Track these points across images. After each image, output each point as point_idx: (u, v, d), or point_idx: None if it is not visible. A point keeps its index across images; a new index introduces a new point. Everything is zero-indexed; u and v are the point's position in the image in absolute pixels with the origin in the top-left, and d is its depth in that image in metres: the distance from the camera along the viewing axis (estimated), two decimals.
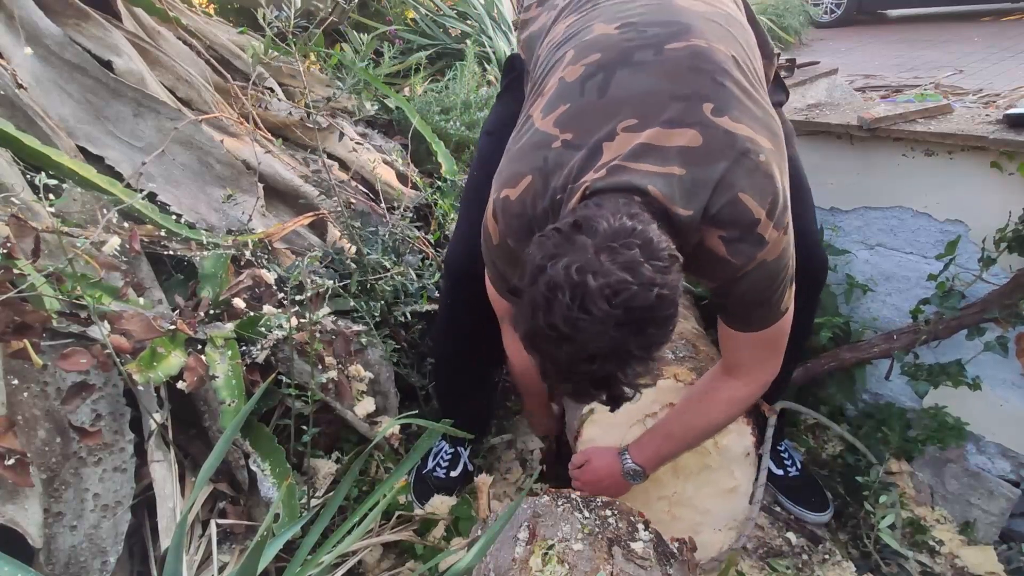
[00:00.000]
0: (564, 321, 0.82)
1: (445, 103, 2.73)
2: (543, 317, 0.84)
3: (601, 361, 0.84)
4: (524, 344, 0.91)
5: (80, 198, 1.48)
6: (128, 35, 1.95)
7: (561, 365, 0.88)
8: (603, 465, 1.38)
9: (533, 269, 0.87)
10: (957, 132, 1.52)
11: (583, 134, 1.01)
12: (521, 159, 1.08)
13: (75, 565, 1.15)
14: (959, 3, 7.96)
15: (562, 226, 0.88)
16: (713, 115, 0.97)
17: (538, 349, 0.89)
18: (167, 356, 1.31)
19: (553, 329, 0.83)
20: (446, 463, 1.72)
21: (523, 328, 0.89)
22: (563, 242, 0.86)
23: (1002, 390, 1.60)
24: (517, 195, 1.06)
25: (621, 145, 0.98)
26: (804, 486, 1.68)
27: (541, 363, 0.92)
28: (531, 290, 0.86)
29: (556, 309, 0.82)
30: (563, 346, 0.84)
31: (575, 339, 0.83)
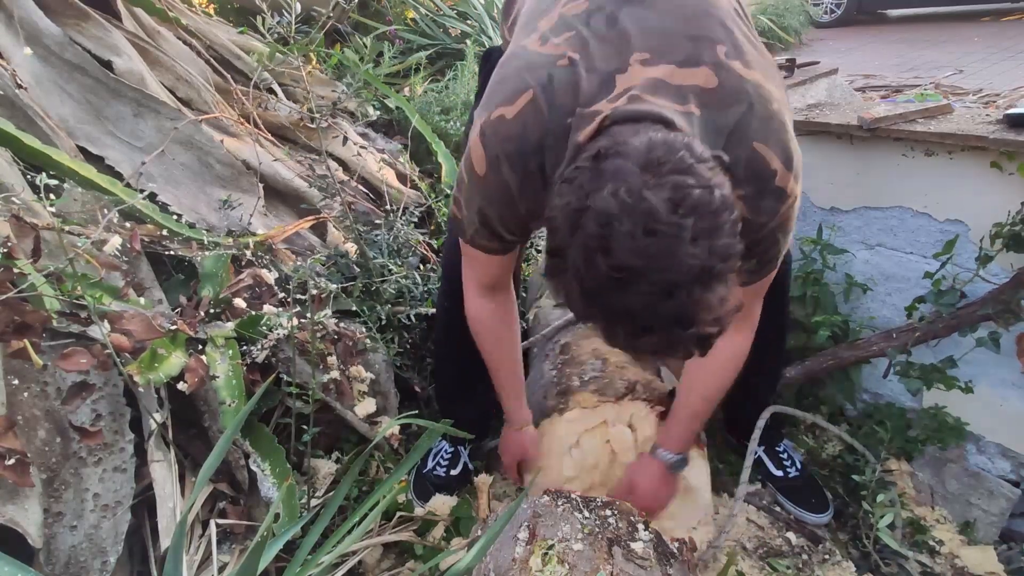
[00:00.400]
0: (631, 253, 0.69)
1: (445, 103, 2.73)
2: (603, 261, 0.70)
3: (684, 290, 0.70)
4: (583, 312, 0.78)
5: (80, 198, 1.48)
6: (128, 35, 1.95)
7: (638, 314, 0.73)
8: (650, 477, 1.34)
9: (570, 215, 0.74)
10: (957, 132, 1.52)
11: (592, 59, 0.93)
12: (518, 75, 0.97)
13: (75, 565, 1.15)
14: (959, 3, 7.96)
15: (584, 161, 0.77)
16: (727, 58, 0.93)
17: (604, 307, 0.74)
18: (168, 357, 1.31)
19: (619, 270, 0.70)
20: (446, 462, 1.72)
21: (578, 289, 0.75)
22: (595, 174, 0.74)
23: (1002, 390, 1.60)
24: (515, 113, 0.94)
25: (634, 77, 0.90)
26: (804, 487, 1.68)
27: (609, 327, 0.77)
28: (576, 239, 0.73)
29: (617, 244, 0.69)
30: (635, 287, 0.71)
31: (648, 272, 0.70)
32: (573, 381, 1.57)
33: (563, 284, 0.77)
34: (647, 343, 0.76)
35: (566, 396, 1.53)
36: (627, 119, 0.84)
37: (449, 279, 1.58)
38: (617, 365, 1.58)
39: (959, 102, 3.62)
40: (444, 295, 1.63)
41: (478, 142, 1.00)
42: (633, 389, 1.49)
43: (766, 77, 0.96)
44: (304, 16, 1.70)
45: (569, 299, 0.78)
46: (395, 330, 1.83)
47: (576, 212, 0.73)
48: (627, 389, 1.50)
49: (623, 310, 0.73)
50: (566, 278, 0.76)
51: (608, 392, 1.49)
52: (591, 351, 1.65)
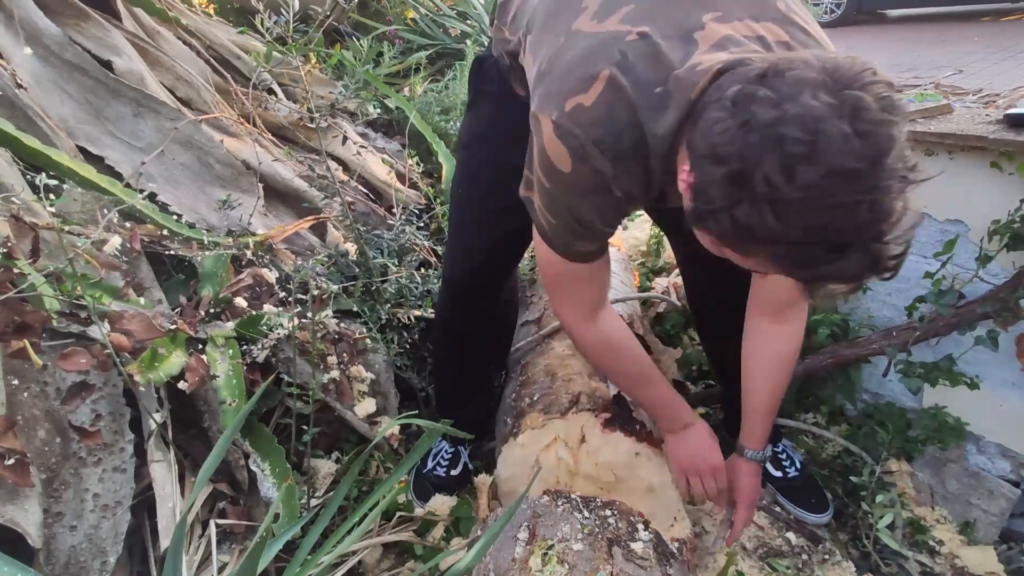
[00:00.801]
0: (847, 155, 0.64)
1: (445, 103, 2.73)
2: (810, 168, 0.65)
3: (888, 198, 0.66)
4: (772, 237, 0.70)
5: (80, 198, 1.48)
6: (128, 35, 1.95)
7: (843, 227, 0.67)
8: (748, 476, 1.35)
9: (759, 127, 0.68)
10: (957, 132, 1.51)
11: (662, 26, 0.88)
12: (584, 62, 0.91)
13: (75, 565, 1.15)
14: (959, 3, 7.95)
15: (752, 83, 0.71)
16: (787, 11, 0.93)
17: (805, 223, 0.68)
18: (168, 356, 1.31)
19: (831, 175, 0.65)
20: (446, 462, 1.72)
21: (771, 209, 0.68)
22: (779, 87, 0.69)
23: (1002, 390, 1.60)
24: (594, 99, 0.88)
25: (713, 34, 0.87)
26: (804, 487, 1.68)
27: (803, 249, 0.70)
28: (770, 152, 0.67)
29: (829, 147, 0.64)
30: (843, 194, 0.66)
31: (862, 175, 0.65)
32: (525, 402, 1.58)
33: (743, 214, 0.71)
34: (837, 265, 0.70)
35: (519, 419, 1.54)
36: (740, 64, 0.79)
37: (449, 282, 1.58)
38: (564, 379, 1.58)
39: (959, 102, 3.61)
40: (445, 304, 1.63)
41: (554, 139, 0.93)
42: (577, 401, 1.50)
43: (817, 28, 0.95)
44: (302, 15, 1.70)
45: (752, 229, 0.71)
46: (395, 330, 1.83)
47: (770, 124, 0.67)
48: (571, 402, 1.50)
49: (823, 225, 0.68)
50: (749, 205, 0.70)
51: (553, 409, 1.50)
52: (543, 368, 1.65)
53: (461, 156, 1.50)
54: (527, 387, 1.63)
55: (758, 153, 0.68)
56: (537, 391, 1.58)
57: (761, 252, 0.75)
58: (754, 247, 0.75)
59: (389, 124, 2.78)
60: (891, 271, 0.72)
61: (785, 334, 1.24)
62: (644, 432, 1.45)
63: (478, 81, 1.41)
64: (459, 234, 1.53)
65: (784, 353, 1.26)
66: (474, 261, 1.50)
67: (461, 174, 1.49)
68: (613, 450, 1.41)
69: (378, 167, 2.31)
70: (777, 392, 1.31)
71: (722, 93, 0.75)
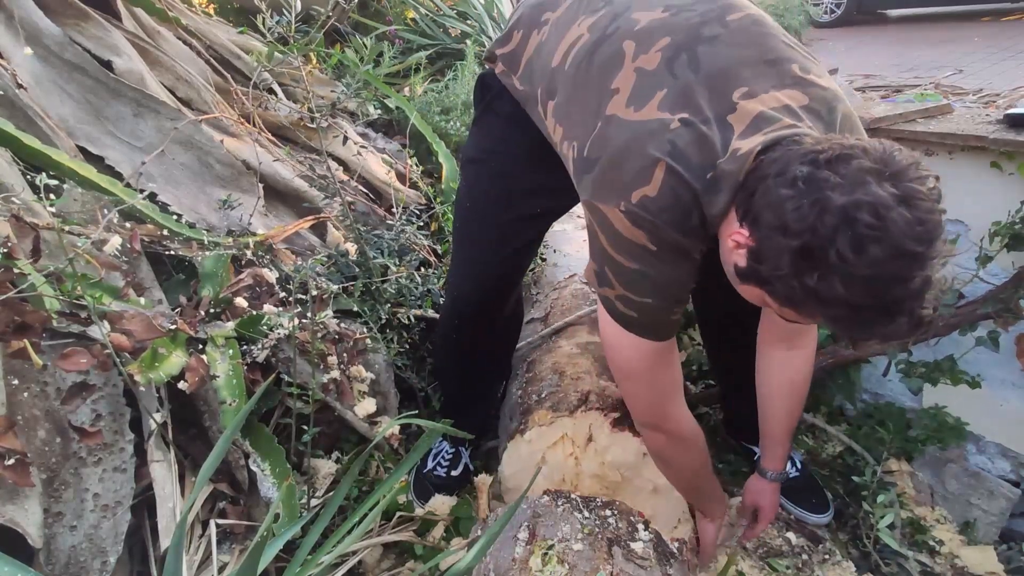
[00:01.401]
0: (912, 239, 0.76)
1: (445, 103, 2.73)
2: (878, 249, 0.75)
3: (933, 272, 0.78)
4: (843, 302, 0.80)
5: (80, 198, 1.48)
6: (128, 35, 1.95)
7: (903, 297, 0.79)
8: (770, 496, 1.43)
9: (835, 211, 0.77)
10: (957, 132, 1.52)
11: (698, 110, 0.95)
12: (637, 153, 0.97)
13: (75, 565, 1.15)
14: (959, 3, 7.95)
15: (817, 167, 0.81)
16: (802, 73, 0.99)
17: (873, 295, 0.79)
18: (168, 356, 1.31)
19: (899, 257, 0.76)
20: (447, 463, 1.72)
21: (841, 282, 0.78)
22: (844, 174, 0.79)
23: (1002, 390, 1.60)
24: (658, 189, 0.95)
25: (745, 115, 0.94)
26: (804, 487, 1.68)
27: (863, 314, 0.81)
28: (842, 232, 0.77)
29: (895, 231, 0.75)
30: (909, 271, 0.77)
31: (923, 257, 0.76)
32: (532, 399, 1.58)
33: (812, 281, 0.81)
34: (886, 328, 0.82)
35: (526, 416, 1.54)
36: (779, 143, 0.89)
37: (456, 300, 1.56)
38: (572, 377, 1.58)
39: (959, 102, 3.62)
40: (450, 315, 1.61)
41: (630, 226, 0.98)
42: (587, 400, 1.50)
43: (831, 80, 1.03)
44: (304, 16, 1.70)
45: (819, 294, 0.81)
46: (395, 330, 1.83)
47: (844, 207, 0.77)
48: (580, 401, 1.50)
49: (882, 292, 0.79)
50: (819, 275, 0.80)
51: (562, 407, 1.50)
52: (550, 366, 1.65)
53: (468, 171, 1.47)
54: (534, 384, 1.63)
55: (832, 231, 0.78)
56: (545, 388, 1.58)
57: (821, 313, 0.85)
58: (815, 309, 0.85)
59: (389, 124, 2.77)
60: (928, 330, 0.88)
61: (798, 360, 1.30)
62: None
63: (485, 98, 1.40)
64: (466, 250, 1.50)
65: (797, 379, 1.32)
66: (482, 277, 1.48)
67: (468, 189, 1.46)
68: (621, 450, 1.41)
69: (378, 167, 2.31)
70: (793, 415, 1.37)
71: (780, 168, 0.84)
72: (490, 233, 1.43)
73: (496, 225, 1.42)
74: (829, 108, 0.99)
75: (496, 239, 1.43)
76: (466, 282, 1.51)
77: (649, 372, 1.15)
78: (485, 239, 1.45)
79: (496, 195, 1.40)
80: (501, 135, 1.38)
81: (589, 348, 1.68)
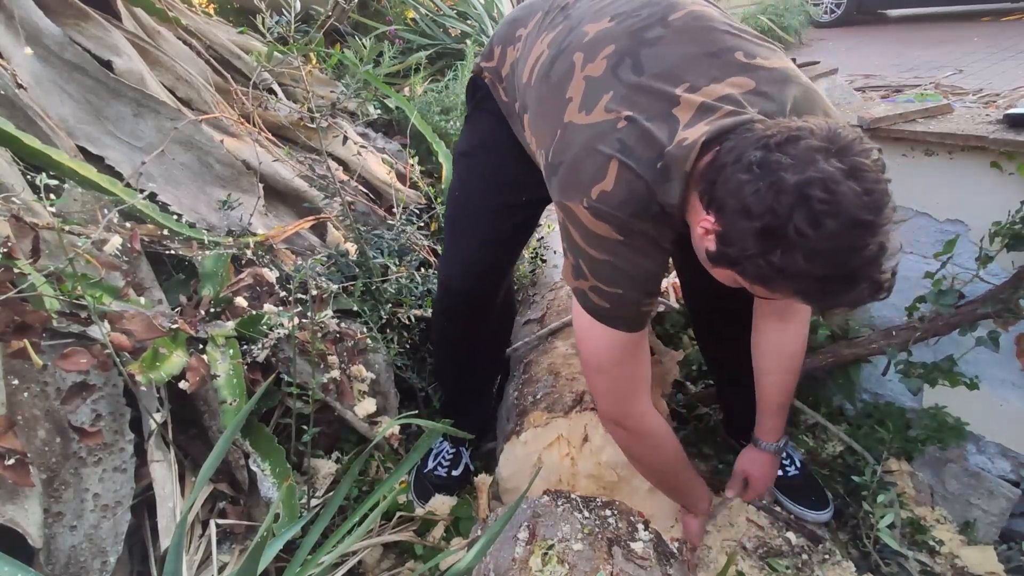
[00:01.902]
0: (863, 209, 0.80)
1: (445, 103, 2.73)
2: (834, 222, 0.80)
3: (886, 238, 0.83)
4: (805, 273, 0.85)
5: (80, 198, 1.48)
6: (128, 35, 1.95)
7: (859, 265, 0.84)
8: (761, 466, 1.48)
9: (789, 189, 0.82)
10: (957, 132, 1.51)
11: (643, 108, 1.01)
12: (589, 154, 1.03)
13: (75, 565, 1.15)
14: (959, 3, 7.95)
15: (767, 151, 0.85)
16: (747, 59, 1.03)
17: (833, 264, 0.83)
18: (169, 356, 1.31)
19: (852, 226, 0.81)
20: (447, 463, 1.72)
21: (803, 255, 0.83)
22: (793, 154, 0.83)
23: (1002, 390, 1.60)
24: (613, 184, 1.01)
25: (689, 106, 0.99)
26: (804, 485, 1.68)
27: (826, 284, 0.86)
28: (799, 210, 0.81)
29: (846, 204, 0.80)
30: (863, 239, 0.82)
31: (874, 225, 0.81)
32: (528, 400, 1.58)
33: (777, 258, 0.85)
34: (850, 296, 0.88)
35: (522, 417, 1.54)
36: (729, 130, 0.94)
37: (446, 287, 1.58)
38: (567, 378, 1.58)
39: (959, 102, 3.62)
40: (442, 304, 1.63)
41: (594, 219, 1.03)
42: (581, 400, 1.50)
43: (782, 60, 1.07)
44: (303, 16, 1.70)
45: (785, 270, 0.85)
46: (395, 330, 1.83)
47: (796, 186, 0.82)
48: (575, 401, 1.50)
49: (843, 265, 0.84)
50: (782, 252, 0.84)
51: (557, 407, 1.50)
52: (546, 367, 1.65)
53: (460, 164, 1.52)
54: (530, 385, 1.63)
55: (789, 210, 0.82)
56: (540, 389, 1.58)
57: (789, 287, 0.90)
58: (783, 284, 0.89)
59: (389, 124, 2.78)
60: (887, 292, 0.89)
61: (791, 331, 1.34)
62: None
63: (476, 98, 1.47)
64: (456, 238, 1.54)
65: (791, 348, 1.36)
66: (471, 263, 1.51)
67: (460, 181, 1.52)
68: (615, 450, 1.41)
69: (378, 167, 2.31)
70: (788, 386, 1.40)
71: (736, 156, 0.88)
72: (480, 223, 1.47)
73: (486, 215, 1.46)
74: (779, 87, 1.02)
75: (486, 229, 1.47)
76: (455, 269, 1.54)
77: (618, 365, 1.19)
78: (475, 229, 1.49)
79: (486, 187, 1.45)
80: (491, 131, 1.42)
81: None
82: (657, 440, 1.28)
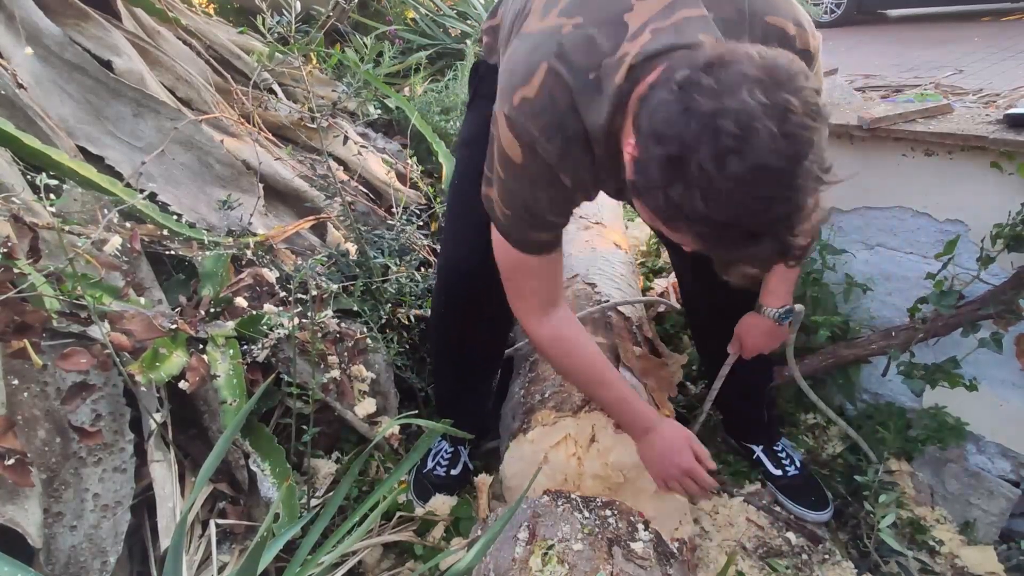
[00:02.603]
0: (771, 153, 0.70)
1: (445, 103, 2.73)
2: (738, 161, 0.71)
3: (800, 195, 0.73)
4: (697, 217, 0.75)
5: (80, 198, 1.49)
6: (128, 35, 1.95)
7: (758, 216, 0.74)
8: (756, 331, 1.43)
9: (699, 117, 0.72)
10: (957, 132, 1.51)
11: (593, 13, 0.96)
12: (527, 56, 0.98)
13: (75, 565, 1.15)
14: (959, 3, 7.95)
15: (696, 73, 0.76)
16: None
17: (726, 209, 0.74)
18: (169, 356, 1.31)
19: (755, 169, 0.71)
20: (446, 462, 1.72)
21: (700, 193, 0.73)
22: (720, 80, 0.73)
23: (1002, 390, 1.60)
24: (536, 90, 0.96)
25: (643, 12, 0.93)
26: (803, 485, 1.68)
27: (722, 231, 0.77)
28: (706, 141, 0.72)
29: (756, 144, 0.70)
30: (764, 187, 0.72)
31: (781, 173, 0.72)
32: (535, 399, 1.57)
33: (676, 194, 0.76)
34: (751, 250, 0.78)
35: (529, 415, 1.54)
36: (662, 52, 0.87)
37: (444, 272, 1.57)
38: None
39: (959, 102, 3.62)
40: (439, 297, 1.62)
41: (507, 132, 1.01)
42: (589, 400, 1.50)
43: None
44: (304, 16, 1.70)
45: (682, 208, 0.76)
46: (395, 330, 1.83)
47: (709, 114, 0.72)
48: (583, 401, 1.50)
49: (745, 212, 0.74)
50: (683, 187, 0.75)
51: (565, 407, 1.50)
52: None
53: (461, 153, 1.52)
54: (537, 384, 1.63)
55: (695, 141, 0.73)
56: (548, 388, 1.58)
57: (687, 229, 0.81)
58: (682, 224, 0.80)
59: (389, 124, 2.78)
60: (797, 260, 0.81)
61: None
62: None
63: (477, 84, 1.46)
64: (456, 224, 1.54)
65: None
66: (469, 248, 1.48)
67: (461, 169, 1.51)
68: (623, 451, 1.41)
69: (378, 167, 2.31)
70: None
71: (668, 75, 0.80)
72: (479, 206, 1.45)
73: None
74: None
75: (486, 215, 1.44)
76: (453, 254, 1.53)
77: (513, 275, 1.22)
78: (475, 212, 1.47)
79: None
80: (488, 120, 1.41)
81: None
82: (564, 346, 1.27)
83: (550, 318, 1.26)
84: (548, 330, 1.26)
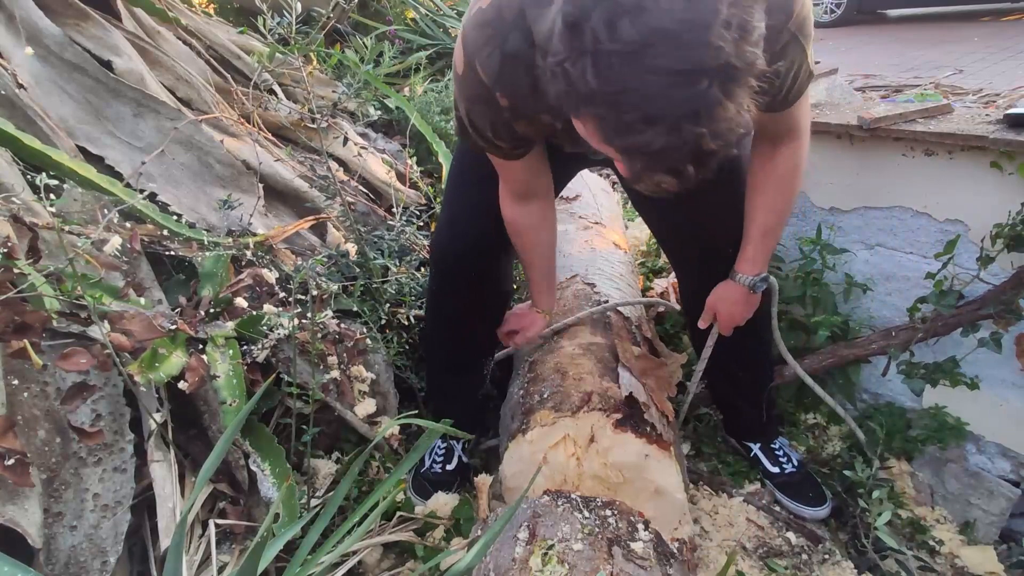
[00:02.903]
0: (665, 15, 0.63)
1: (445, 103, 2.73)
2: (630, 24, 0.64)
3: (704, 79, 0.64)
4: (588, 94, 0.69)
5: (80, 198, 1.49)
6: (128, 35, 1.95)
7: (652, 96, 0.66)
8: (730, 301, 1.43)
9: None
10: (957, 132, 1.51)
11: None
12: None
13: (75, 565, 1.15)
14: (959, 3, 7.96)
15: None
16: None
17: (617, 84, 0.67)
18: (168, 356, 1.31)
19: (648, 33, 0.64)
20: (440, 458, 1.72)
21: (591, 62, 0.67)
22: None
23: (1001, 390, 1.60)
24: (488, 1, 0.98)
25: None
26: (801, 482, 1.69)
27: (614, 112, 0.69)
28: (601, 4, 0.66)
29: (651, 4, 0.64)
30: (658, 58, 0.64)
31: (677, 41, 0.63)
32: (534, 399, 1.57)
33: (571, 67, 0.69)
34: (649, 137, 0.68)
35: (528, 416, 1.54)
36: None
37: (437, 251, 1.57)
38: (574, 378, 1.58)
39: (959, 102, 3.62)
40: (432, 280, 1.63)
41: (459, 42, 1.04)
42: (589, 400, 1.49)
43: None
44: (304, 16, 1.70)
45: (576, 85, 0.70)
46: (395, 330, 1.83)
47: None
48: (582, 401, 1.49)
49: (637, 88, 0.66)
50: (576, 58, 0.69)
51: (564, 407, 1.49)
52: (552, 366, 1.65)
53: (461, 144, 1.52)
54: (536, 384, 1.63)
55: (593, 3, 0.67)
56: (547, 389, 1.58)
57: (587, 116, 0.73)
58: (581, 108, 0.73)
59: (389, 124, 2.78)
60: (702, 165, 0.71)
61: (781, 154, 1.25)
62: (654, 434, 1.45)
63: None
64: (451, 202, 1.56)
65: (780, 169, 1.26)
66: (462, 226, 1.51)
67: (460, 155, 1.54)
68: (623, 451, 1.41)
69: (378, 167, 2.31)
70: (773, 211, 1.31)
71: None
72: (474, 183, 1.47)
73: (480, 176, 1.42)
74: None
75: (479, 189, 1.44)
76: (445, 233, 1.54)
77: (469, 169, 1.37)
78: (470, 189, 1.50)
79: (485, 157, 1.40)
80: None
81: (591, 349, 1.68)
82: (516, 228, 1.42)
83: (521, 205, 1.38)
84: (510, 213, 1.40)
